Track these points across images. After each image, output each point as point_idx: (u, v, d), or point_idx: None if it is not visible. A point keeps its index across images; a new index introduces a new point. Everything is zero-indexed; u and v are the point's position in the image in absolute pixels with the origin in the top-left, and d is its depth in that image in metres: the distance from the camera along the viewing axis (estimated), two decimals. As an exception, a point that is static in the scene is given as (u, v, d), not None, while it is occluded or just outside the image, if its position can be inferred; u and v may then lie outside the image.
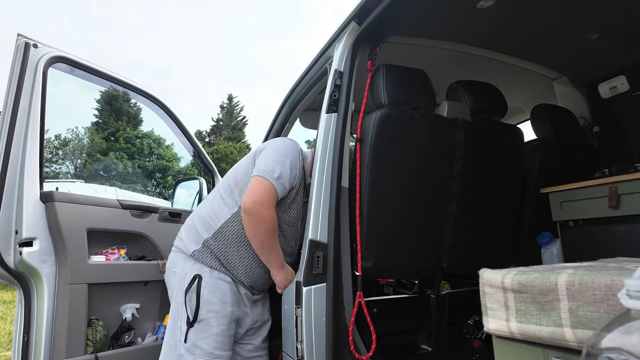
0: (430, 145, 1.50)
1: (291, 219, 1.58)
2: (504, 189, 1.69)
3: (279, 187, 1.45)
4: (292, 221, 1.58)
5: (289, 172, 1.48)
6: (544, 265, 0.89)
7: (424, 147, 1.49)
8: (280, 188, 1.46)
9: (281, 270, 1.53)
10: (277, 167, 1.46)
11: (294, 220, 1.59)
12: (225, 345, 1.49)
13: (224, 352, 1.48)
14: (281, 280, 1.54)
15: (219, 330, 1.47)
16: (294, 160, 1.53)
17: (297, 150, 1.57)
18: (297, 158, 1.55)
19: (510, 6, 1.54)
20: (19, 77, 1.65)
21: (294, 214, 1.57)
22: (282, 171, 1.46)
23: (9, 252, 1.61)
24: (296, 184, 1.54)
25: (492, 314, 0.83)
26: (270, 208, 1.43)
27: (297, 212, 1.58)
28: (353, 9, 1.50)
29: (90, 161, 24.21)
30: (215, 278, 1.50)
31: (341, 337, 1.34)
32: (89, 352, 1.72)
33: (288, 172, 1.48)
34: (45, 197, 1.68)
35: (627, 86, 1.99)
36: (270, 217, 1.43)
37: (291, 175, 1.50)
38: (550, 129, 1.86)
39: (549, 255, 1.76)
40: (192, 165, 22.87)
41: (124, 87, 2.14)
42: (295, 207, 1.57)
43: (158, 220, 2.09)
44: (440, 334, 1.68)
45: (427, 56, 1.84)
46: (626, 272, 0.65)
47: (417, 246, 1.54)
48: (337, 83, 1.50)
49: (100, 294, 1.82)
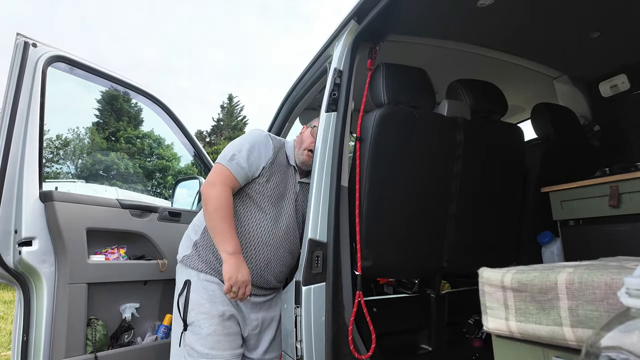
0: (430, 144, 1.50)
1: (271, 194, 1.57)
2: (504, 188, 1.68)
3: (231, 167, 1.49)
4: (272, 195, 1.57)
5: (245, 153, 1.52)
6: (544, 264, 0.89)
7: (423, 146, 1.49)
8: (234, 167, 1.50)
9: (230, 257, 1.41)
10: (230, 151, 1.53)
11: (274, 196, 1.58)
12: (221, 345, 1.47)
13: (221, 351, 1.46)
14: (227, 270, 1.39)
15: (211, 331, 1.46)
16: (255, 142, 1.56)
17: (260, 135, 1.61)
18: (260, 141, 1.57)
19: (510, 5, 1.53)
20: (18, 76, 1.65)
21: (272, 189, 1.57)
22: (236, 153, 1.51)
23: (9, 252, 1.61)
24: (265, 164, 1.56)
25: (492, 313, 0.83)
26: (217, 187, 1.46)
27: (277, 188, 1.58)
28: (352, 8, 1.50)
29: (90, 161, 24.23)
30: (202, 280, 1.53)
31: (341, 337, 1.33)
32: (88, 352, 1.72)
33: (245, 153, 1.52)
34: (44, 197, 1.68)
35: (628, 85, 1.98)
36: (215, 195, 1.45)
37: (250, 155, 1.52)
38: (551, 128, 1.86)
39: (549, 255, 1.75)
40: (192, 165, 22.89)
41: (124, 87, 2.14)
42: (274, 181, 1.58)
43: (158, 220, 2.08)
44: (440, 333, 1.67)
45: (427, 55, 1.84)
46: (626, 270, 0.64)
47: (417, 245, 1.53)
48: (336, 82, 1.50)
49: (99, 293, 1.82)
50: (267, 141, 1.59)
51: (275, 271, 1.59)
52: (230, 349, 1.49)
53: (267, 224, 1.56)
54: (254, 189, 1.56)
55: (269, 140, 1.60)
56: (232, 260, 1.41)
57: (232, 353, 1.49)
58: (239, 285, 1.41)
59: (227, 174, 1.49)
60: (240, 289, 1.41)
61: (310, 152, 1.60)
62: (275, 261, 1.57)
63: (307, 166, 1.63)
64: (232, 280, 1.39)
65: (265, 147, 1.57)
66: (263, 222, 1.55)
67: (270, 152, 1.58)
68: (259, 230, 1.54)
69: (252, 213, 1.56)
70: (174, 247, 1.75)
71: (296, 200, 1.63)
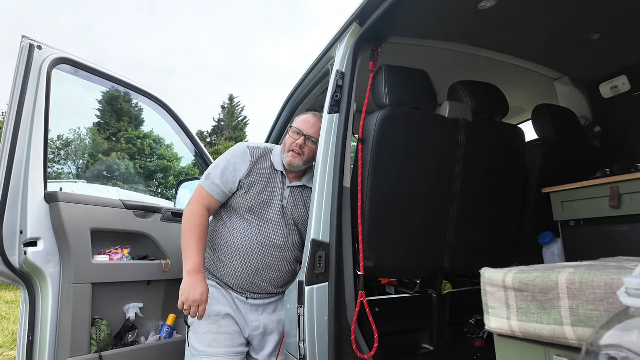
0: (432, 145, 1.51)
1: (252, 204, 1.59)
2: (505, 189, 1.69)
3: (206, 185, 1.59)
4: (254, 206, 1.59)
5: (219, 170, 1.59)
6: (545, 265, 0.90)
7: (425, 147, 1.50)
8: (209, 185, 1.58)
9: (187, 275, 1.44)
10: (209, 170, 1.63)
11: (256, 206, 1.60)
12: (218, 343, 1.51)
13: (217, 349, 1.50)
14: (182, 287, 1.43)
15: (207, 329, 1.52)
16: (231, 158, 1.62)
17: (238, 149, 1.65)
18: (236, 155, 1.62)
19: (511, 7, 1.54)
20: (23, 78, 1.66)
21: (253, 199, 1.59)
22: (211, 172, 1.60)
23: (14, 252, 1.63)
24: (241, 177, 1.59)
25: (494, 313, 0.84)
26: (190, 205, 1.57)
27: (258, 197, 1.60)
28: (355, 11, 1.51)
29: (92, 162, 24.25)
30: None
31: (343, 337, 1.34)
32: (93, 352, 1.73)
33: (219, 170, 1.59)
34: (49, 198, 1.69)
35: (629, 86, 1.99)
36: (186, 213, 1.55)
37: (224, 172, 1.58)
38: (552, 129, 1.87)
39: (550, 255, 1.76)
40: (194, 165, 22.89)
41: (127, 88, 2.16)
42: (254, 192, 1.59)
43: (161, 221, 2.10)
44: (442, 333, 1.68)
45: (429, 57, 1.85)
46: (626, 271, 0.66)
47: (419, 246, 1.54)
48: (339, 84, 1.51)
49: (104, 293, 1.83)
50: (243, 154, 1.62)
51: (267, 278, 1.61)
52: (226, 347, 1.52)
53: (251, 234, 1.58)
54: (236, 201, 1.60)
55: (246, 154, 1.62)
56: (188, 279, 1.45)
57: (228, 351, 1.52)
58: (189, 303, 1.43)
59: (202, 193, 1.59)
60: (192, 307, 1.43)
61: (292, 153, 1.61)
62: (264, 268, 1.59)
63: (294, 167, 1.63)
64: (184, 297, 1.43)
65: (241, 160, 1.61)
66: (247, 232, 1.58)
67: (247, 164, 1.60)
68: (244, 240, 1.58)
69: (237, 224, 1.60)
70: (177, 247, 1.76)
71: (284, 206, 1.63)
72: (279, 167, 1.65)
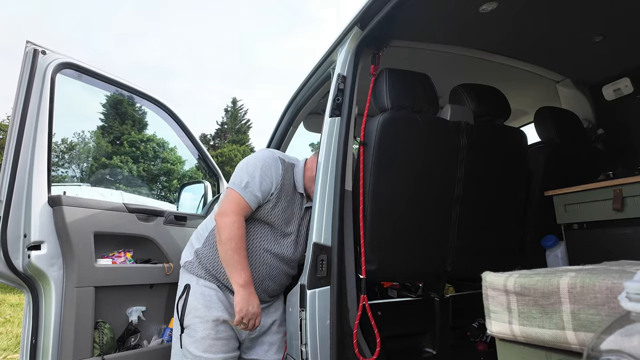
0: (434, 148, 1.51)
1: (275, 220, 1.57)
2: (507, 192, 1.69)
3: (246, 195, 1.49)
4: (276, 222, 1.58)
5: (258, 180, 1.51)
6: (546, 268, 0.90)
7: (427, 150, 1.50)
8: (249, 196, 1.50)
9: (240, 289, 1.44)
10: (243, 176, 1.52)
11: (279, 222, 1.59)
12: (214, 348, 1.50)
13: (213, 354, 1.50)
14: (238, 302, 1.43)
15: (205, 334, 1.51)
16: (266, 167, 1.54)
17: (271, 158, 1.58)
18: (271, 165, 1.56)
19: (512, 10, 1.54)
20: (27, 83, 1.68)
21: (277, 216, 1.57)
22: (250, 180, 1.50)
23: (18, 256, 1.64)
24: (274, 190, 1.55)
25: (495, 317, 0.84)
26: (231, 216, 1.47)
27: (282, 214, 1.58)
28: (356, 14, 1.51)
29: (95, 165, 24.38)
30: (201, 286, 1.57)
31: (345, 340, 1.34)
32: (95, 355, 1.74)
33: (257, 180, 1.51)
34: (53, 201, 1.70)
35: (632, 88, 1.98)
36: (229, 225, 1.45)
37: (262, 182, 1.52)
38: (554, 132, 1.86)
39: (553, 258, 1.75)
40: (197, 169, 22.96)
41: (130, 92, 2.17)
42: (280, 207, 1.57)
43: (164, 224, 2.11)
44: (444, 337, 1.67)
45: (430, 60, 1.85)
46: (627, 275, 0.65)
47: (421, 249, 1.54)
48: (340, 87, 1.51)
49: (106, 296, 1.84)
50: (276, 166, 1.57)
51: (268, 288, 1.63)
52: (223, 352, 1.52)
53: (268, 242, 1.59)
54: (261, 212, 1.56)
55: (279, 166, 1.58)
56: (242, 292, 1.44)
57: (224, 356, 1.52)
58: (249, 317, 1.45)
59: (241, 204, 1.49)
60: (250, 320, 1.46)
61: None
62: (268, 279, 1.61)
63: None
64: (243, 312, 1.44)
65: (275, 172, 1.56)
66: (264, 241, 1.59)
67: (279, 177, 1.57)
68: (259, 248, 1.58)
69: (257, 231, 1.58)
70: (180, 250, 1.78)
71: (300, 225, 1.65)
72: (300, 188, 1.64)
